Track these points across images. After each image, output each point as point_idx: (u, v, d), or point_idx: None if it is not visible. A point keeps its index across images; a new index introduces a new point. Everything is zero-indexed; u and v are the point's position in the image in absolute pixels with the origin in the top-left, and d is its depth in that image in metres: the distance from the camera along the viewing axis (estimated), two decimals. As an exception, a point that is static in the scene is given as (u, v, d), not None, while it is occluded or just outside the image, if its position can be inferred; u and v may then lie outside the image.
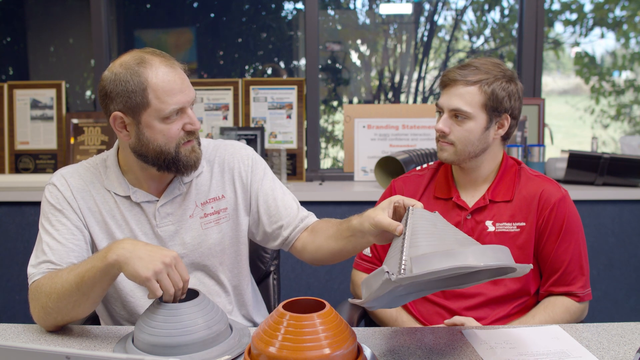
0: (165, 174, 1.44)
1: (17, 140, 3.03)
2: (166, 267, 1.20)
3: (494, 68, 1.55)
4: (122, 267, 1.21)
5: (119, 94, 1.34)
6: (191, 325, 1.19)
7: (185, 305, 1.21)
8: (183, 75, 1.38)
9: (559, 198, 1.58)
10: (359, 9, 3.80)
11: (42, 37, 3.63)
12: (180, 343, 1.18)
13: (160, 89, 1.33)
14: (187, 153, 1.40)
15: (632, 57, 4.12)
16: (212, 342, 1.21)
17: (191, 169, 1.43)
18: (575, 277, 1.59)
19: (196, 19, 3.67)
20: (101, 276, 1.25)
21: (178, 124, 1.37)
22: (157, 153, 1.38)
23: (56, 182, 1.47)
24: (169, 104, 1.34)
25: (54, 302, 1.30)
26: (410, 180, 1.73)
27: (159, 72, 1.34)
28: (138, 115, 1.35)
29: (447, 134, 1.57)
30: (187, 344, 1.18)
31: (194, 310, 1.21)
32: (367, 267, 1.74)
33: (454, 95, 1.55)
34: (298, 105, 2.98)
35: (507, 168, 1.65)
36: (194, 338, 1.19)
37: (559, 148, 3.08)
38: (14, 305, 2.80)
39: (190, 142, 1.40)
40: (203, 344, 1.20)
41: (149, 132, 1.37)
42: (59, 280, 1.30)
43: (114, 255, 1.22)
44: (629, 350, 1.25)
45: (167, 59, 1.37)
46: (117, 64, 1.36)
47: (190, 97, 1.38)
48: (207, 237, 1.51)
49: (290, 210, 1.54)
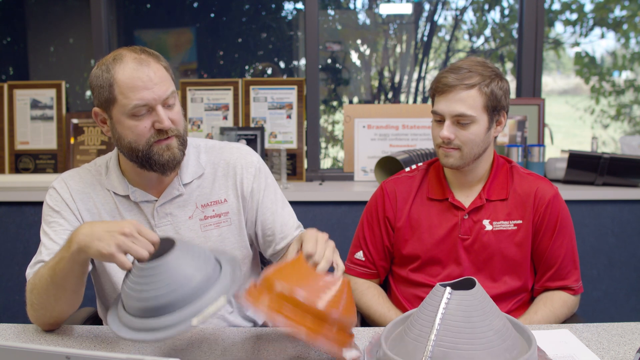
0: (152, 173, 1.43)
1: (17, 140, 3.03)
2: (128, 237, 1.18)
3: (485, 69, 1.55)
4: (87, 251, 1.20)
5: (94, 89, 1.38)
6: (177, 279, 1.11)
7: (164, 260, 1.12)
8: (154, 73, 1.35)
9: (552, 195, 1.61)
10: (359, 8, 3.81)
11: (42, 37, 3.63)
12: (172, 301, 1.11)
13: (124, 84, 1.34)
14: (160, 151, 1.38)
15: (632, 57, 4.12)
16: (204, 288, 1.12)
17: (166, 167, 1.40)
18: (570, 272, 1.63)
19: (196, 19, 3.67)
20: (71, 265, 1.25)
21: (146, 121, 1.36)
22: (129, 149, 1.39)
23: (56, 186, 1.48)
24: (131, 100, 1.34)
25: (37, 297, 1.32)
26: (401, 182, 1.72)
27: (127, 68, 1.34)
28: (109, 111, 1.38)
29: (452, 140, 1.56)
30: (179, 299, 1.11)
31: (175, 264, 1.13)
32: (360, 272, 1.73)
33: (454, 101, 1.53)
34: (298, 105, 2.98)
35: (499, 167, 1.66)
36: (184, 292, 1.11)
37: (559, 148, 3.08)
38: (14, 305, 2.80)
39: (167, 139, 1.38)
40: (195, 294, 1.12)
41: (120, 127, 1.38)
42: (38, 276, 1.33)
43: (75, 244, 1.22)
44: (629, 350, 1.25)
45: (144, 55, 1.36)
46: (100, 60, 1.40)
47: (157, 94, 1.34)
48: (206, 240, 1.50)
49: (285, 227, 1.56)
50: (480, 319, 1.09)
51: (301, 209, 2.63)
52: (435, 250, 1.63)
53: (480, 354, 1.06)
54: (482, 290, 1.13)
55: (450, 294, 1.10)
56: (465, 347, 1.06)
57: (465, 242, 1.61)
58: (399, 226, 1.68)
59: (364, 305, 1.69)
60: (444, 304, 1.09)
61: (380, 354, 1.14)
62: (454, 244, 1.62)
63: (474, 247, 1.60)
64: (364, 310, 1.70)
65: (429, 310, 1.11)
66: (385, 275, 1.76)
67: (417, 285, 1.65)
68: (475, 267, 1.61)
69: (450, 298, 1.09)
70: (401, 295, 1.69)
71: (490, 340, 1.07)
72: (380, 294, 1.71)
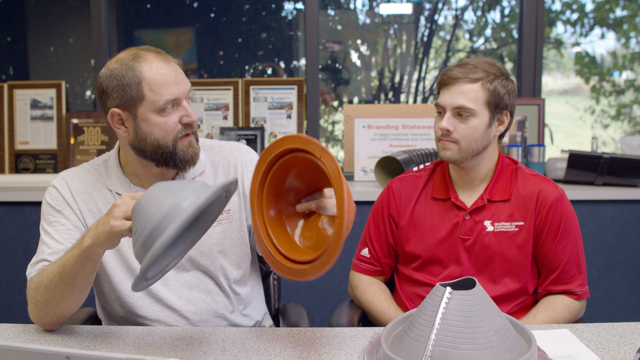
0: (165, 170, 1.45)
1: (17, 140, 3.03)
2: (119, 206, 1.20)
3: (491, 67, 1.56)
4: (99, 244, 1.23)
5: (115, 89, 1.37)
6: (156, 202, 1.13)
7: (143, 193, 1.16)
8: (177, 68, 1.40)
9: (556, 197, 1.59)
10: (359, 9, 3.81)
11: (42, 37, 3.63)
12: (157, 222, 1.11)
13: (154, 81, 1.35)
14: (184, 148, 1.41)
15: (632, 57, 4.12)
16: (179, 201, 1.12)
17: (188, 163, 1.44)
18: (574, 276, 1.59)
19: (196, 19, 3.67)
20: (82, 262, 1.26)
21: (174, 116, 1.39)
22: (155, 147, 1.40)
23: (56, 185, 1.48)
24: (163, 95, 1.36)
25: (42, 295, 1.32)
26: (407, 181, 1.73)
27: (153, 66, 1.36)
28: (134, 110, 1.37)
29: (451, 132, 1.56)
30: (164, 217, 1.11)
31: (152, 192, 1.15)
32: (365, 269, 1.74)
33: (456, 93, 1.54)
34: (298, 105, 2.98)
35: (503, 167, 1.65)
36: (164, 210, 1.12)
37: (559, 148, 3.08)
38: (14, 305, 2.80)
39: (187, 136, 1.42)
40: (175, 207, 1.12)
41: (146, 125, 1.38)
42: (45, 274, 1.33)
43: (88, 240, 1.24)
44: (629, 350, 1.25)
45: (161, 54, 1.40)
46: (112, 61, 1.39)
47: (184, 88, 1.39)
48: (208, 237, 1.50)
49: None
50: (481, 319, 1.09)
51: (301, 209, 2.63)
52: (436, 249, 1.63)
53: (480, 354, 1.06)
54: (483, 290, 1.13)
55: (451, 294, 1.10)
56: (466, 347, 1.06)
57: (466, 242, 1.61)
58: (403, 224, 1.68)
59: (365, 302, 1.70)
60: (444, 303, 1.09)
61: (380, 354, 1.14)
62: (454, 244, 1.62)
63: (475, 247, 1.60)
64: (365, 307, 1.71)
65: (429, 310, 1.11)
66: (390, 273, 1.77)
67: (419, 284, 1.65)
68: (476, 268, 1.61)
69: (450, 298, 1.09)
70: (404, 294, 1.70)
71: (491, 340, 1.07)
72: (384, 291, 1.71)
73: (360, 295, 1.72)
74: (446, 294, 1.10)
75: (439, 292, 1.11)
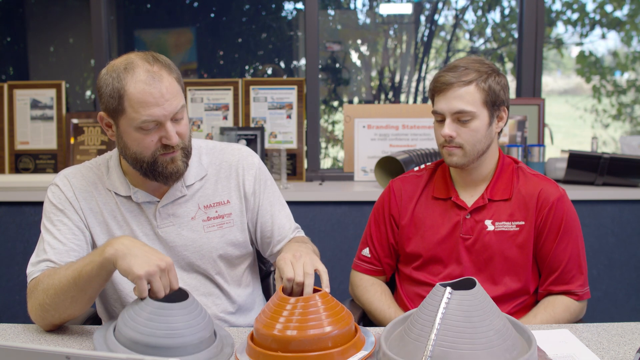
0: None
1: (17, 140, 3.03)
2: (160, 271, 1.20)
3: (481, 65, 1.56)
4: (118, 261, 1.21)
5: (102, 95, 1.36)
6: (177, 328, 1.16)
7: (174, 306, 1.18)
8: (167, 86, 1.33)
9: (557, 197, 1.59)
10: (359, 9, 3.81)
11: (42, 37, 3.63)
12: (163, 345, 1.15)
13: (135, 99, 1.31)
14: (165, 163, 1.38)
15: (633, 58, 4.12)
16: (194, 348, 1.17)
17: (170, 179, 1.41)
18: (574, 276, 1.59)
19: (196, 19, 3.67)
20: (98, 270, 1.25)
21: (154, 136, 1.35)
22: (134, 159, 1.38)
23: (59, 183, 1.47)
24: (141, 115, 1.32)
25: (51, 298, 1.30)
26: (408, 181, 1.73)
27: (138, 82, 1.31)
28: (117, 119, 1.36)
29: (454, 137, 1.56)
30: (170, 346, 1.15)
31: (182, 314, 1.18)
32: (366, 268, 1.74)
33: (453, 98, 1.54)
34: (298, 105, 2.98)
35: (504, 166, 1.65)
36: (177, 342, 1.16)
37: (559, 148, 3.08)
38: (14, 305, 2.80)
39: (168, 154, 1.38)
40: (184, 349, 1.16)
41: (126, 137, 1.37)
42: (56, 277, 1.30)
43: (111, 250, 1.22)
44: (629, 350, 1.25)
45: (153, 68, 1.33)
46: (110, 64, 1.37)
47: (168, 110, 1.32)
48: (209, 241, 1.51)
49: (282, 230, 1.58)
50: (481, 319, 1.09)
51: (301, 209, 2.63)
52: (437, 249, 1.63)
53: (480, 354, 1.06)
54: (483, 290, 1.13)
55: (451, 294, 1.10)
56: (466, 347, 1.06)
57: (467, 242, 1.61)
58: (403, 224, 1.68)
59: (366, 302, 1.70)
60: (444, 303, 1.09)
61: (380, 354, 1.14)
62: (455, 244, 1.62)
63: (475, 247, 1.60)
64: (365, 306, 1.71)
65: (429, 310, 1.11)
66: (391, 273, 1.77)
67: (420, 284, 1.65)
68: (476, 268, 1.60)
69: (450, 298, 1.09)
70: (404, 294, 1.70)
71: (491, 340, 1.07)
72: (384, 291, 1.71)
73: (360, 295, 1.72)
74: (446, 294, 1.10)
75: (439, 292, 1.11)
